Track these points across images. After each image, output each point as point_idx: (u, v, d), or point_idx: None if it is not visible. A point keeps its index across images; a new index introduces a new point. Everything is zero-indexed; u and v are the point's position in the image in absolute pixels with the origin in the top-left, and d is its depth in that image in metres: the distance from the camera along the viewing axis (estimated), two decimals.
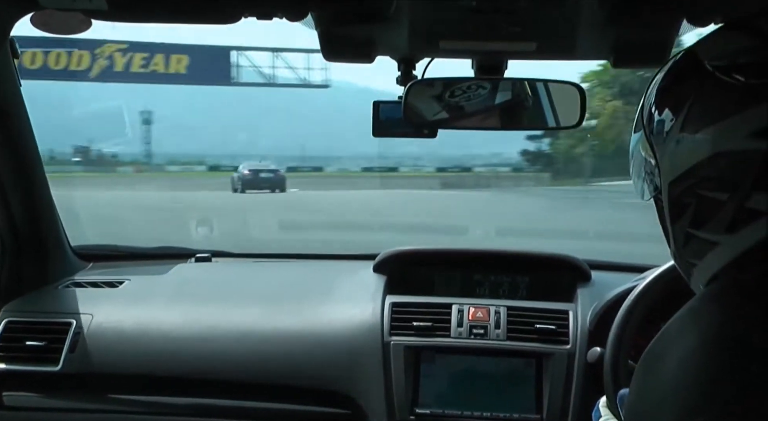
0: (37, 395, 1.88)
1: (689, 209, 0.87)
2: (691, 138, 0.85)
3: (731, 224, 0.83)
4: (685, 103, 0.86)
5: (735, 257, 0.84)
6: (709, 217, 0.85)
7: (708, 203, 0.84)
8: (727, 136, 0.82)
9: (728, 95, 0.82)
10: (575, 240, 7.37)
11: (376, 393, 1.77)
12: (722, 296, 0.84)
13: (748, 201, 0.81)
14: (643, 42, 1.37)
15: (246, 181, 18.64)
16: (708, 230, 0.85)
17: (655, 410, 0.79)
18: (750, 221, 0.82)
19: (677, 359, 0.79)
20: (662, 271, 1.58)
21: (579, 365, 1.77)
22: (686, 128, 0.85)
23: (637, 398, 0.85)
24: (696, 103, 0.85)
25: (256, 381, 1.84)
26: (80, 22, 1.41)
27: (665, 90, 0.92)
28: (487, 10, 1.26)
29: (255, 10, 1.29)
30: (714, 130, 0.83)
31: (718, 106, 0.83)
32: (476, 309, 1.89)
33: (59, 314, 1.94)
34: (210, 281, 2.18)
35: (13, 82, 1.84)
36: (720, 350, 0.77)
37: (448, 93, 1.54)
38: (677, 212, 0.89)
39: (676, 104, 0.88)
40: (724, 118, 0.82)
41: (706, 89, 0.85)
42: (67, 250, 2.20)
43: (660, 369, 0.81)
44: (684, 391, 0.76)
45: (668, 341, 0.84)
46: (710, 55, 0.87)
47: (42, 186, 2.04)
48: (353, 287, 2.02)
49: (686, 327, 0.83)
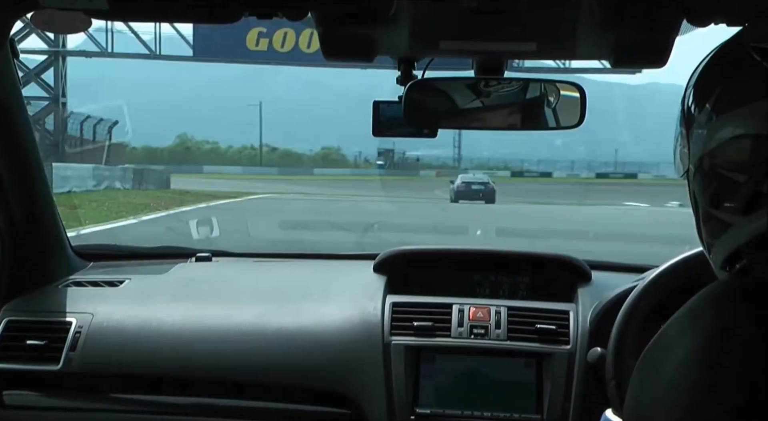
0: (37, 395, 1.88)
1: (710, 189, 0.88)
2: (718, 118, 0.86)
3: (746, 206, 0.84)
4: (719, 83, 0.88)
5: (747, 239, 0.85)
6: (726, 197, 0.86)
7: (727, 184, 0.85)
8: (751, 120, 0.83)
9: (759, 79, 0.83)
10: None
11: (377, 393, 1.77)
12: (723, 296, 0.84)
13: (764, 186, 0.82)
14: (643, 42, 1.37)
15: (459, 192, 20.99)
16: (724, 210, 0.87)
17: (655, 412, 0.78)
18: (764, 206, 0.82)
19: (677, 360, 0.79)
20: (664, 269, 1.58)
21: (579, 366, 1.77)
22: (715, 108, 0.87)
23: (637, 399, 0.85)
24: (729, 84, 0.87)
25: (256, 381, 1.84)
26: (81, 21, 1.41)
27: (706, 69, 0.93)
28: (487, 10, 1.26)
29: (255, 9, 1.29)
30: (740, 112, 0.84)
31: (748, 90, 0.84)
32: (477, 309, 1.89)
33: (60, 314, 1.94)
34: (210, 281, 2.18)
35: (13, 81, 1.84)
36: (720, 352, 0.77)
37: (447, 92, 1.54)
38: (700, 191, 0.91)
39: (710, 84, 0.89)
40: (751, 102, 0.83)
41: (741, 71, 0.86)
42: (67, 249, 2.20)
43: (660, 370, 0.81)
44: (684, 392, 0.76)
45: (668, 342, 0.84)
46: (756, 37, 0.88)
47: (42, 185, 2.04)
48: (353, 286, 2.02)
49: (686, 328, 0.83)
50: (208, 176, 39.85)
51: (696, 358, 0.78)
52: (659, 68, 1.43)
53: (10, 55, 1.79)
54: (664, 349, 0.83)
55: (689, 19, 1.27)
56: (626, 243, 9.04)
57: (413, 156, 48.67)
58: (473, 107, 1.57)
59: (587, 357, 1.70)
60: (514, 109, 1.56)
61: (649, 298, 1.57)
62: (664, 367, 0.81)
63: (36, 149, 1.99)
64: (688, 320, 0.84)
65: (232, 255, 2.49)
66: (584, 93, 1.51)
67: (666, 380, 0.79)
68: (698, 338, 0.80)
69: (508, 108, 1.55)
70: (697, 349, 0.78)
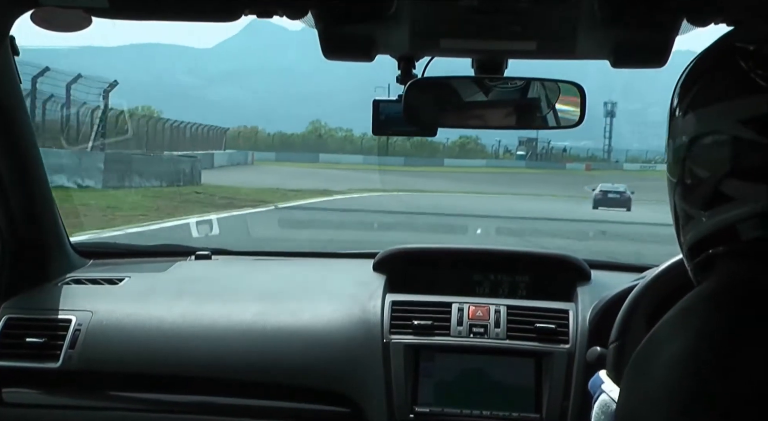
0: (36, 392, 1.88)
1: (680, 182, 0.90)
2: (692, 114, 0.88)
3: (707, 201, 0.86)
4: (699, 80, 0.89)
5: (707, 233, 0.87)
6: (691, 191, 0.88)
7: (693, 178, 0.87)
8: (717, 118, 0.84)
9: (734, 79, 0.84)
10: None
11: (376, 391, 1.78)
12: (714, 296, 0.84)
13: (722, 184, 0.84)
14: (643, 42, 1.37)
15: (598, 200, 23.45)
16: (689, 203, 0.89)
17: (647, 411, 0.79)
18: (722, 203, 0.84)
19: (669, 359, 0.79)
20: (666, 267, 1.58)
21: (578, 365, 1.77)
22: (691, 104, 0.88)
23: (628, 398, 0.85)
24: (707, 82, 0.88)
25: (256, 379, 1.84)
26: (81, 19, 1.41)
27: (693, 65, 0.94)
28: (488, 9, 1.26)
29: (255, 8, 1.29)
30: (711, 110, 0.85)
31: (721, 89, 0.85)
32: (476, 308, 1.89)
33: (59, 311, 1.94)
34: (210, 279, 2.18)
35: (13, 79, 1.84)
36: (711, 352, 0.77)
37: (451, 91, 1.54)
38: (672, 184, 0.93)
39: (692, 80, 0.91)
40: (723, 101, 0.84)
41: (720, 71, 0.87)
42: (67, 247, 2.20)
43: (652, 370, 0.81)
44: (676, 392, 0.76)
45: (660, 341, 0.84)
46: (742, 37, 0.89)
47: (42, 183, 2.04)
48: (353, 285, 2.02)
49: (678, 328, 0.83)
50: (321, 166, 36.36)
51: (686, 358, 0.78)
52: (659, 67, 1.43)
53: (11, 54, 1.80)
54: (656, 348, 0.83)
55: (689, 19, 1.27)
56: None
57: (559, 146, 45.27)
58: (473, 106, 1.57)
59: (586, 356, 1.70)
60: (514, 108, 1.56)
61: (651, 296, 1.57)
62: (656, 366, 0.81)
63: (36, 147, 1.99)
64: (681, 319, 0.84)
65: (231, 253, 2.49)
66: (584, 93, 1.51)
67: (657, 380, 0.79)
68: (688, 339, 0.80)
69: (507, 107, 1.55)
70: (687, 349, 0.79)
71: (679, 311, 0.85)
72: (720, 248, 0.86)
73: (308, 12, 1.28)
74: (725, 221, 0.84)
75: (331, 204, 16.99)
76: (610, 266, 2.24)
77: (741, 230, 0.83)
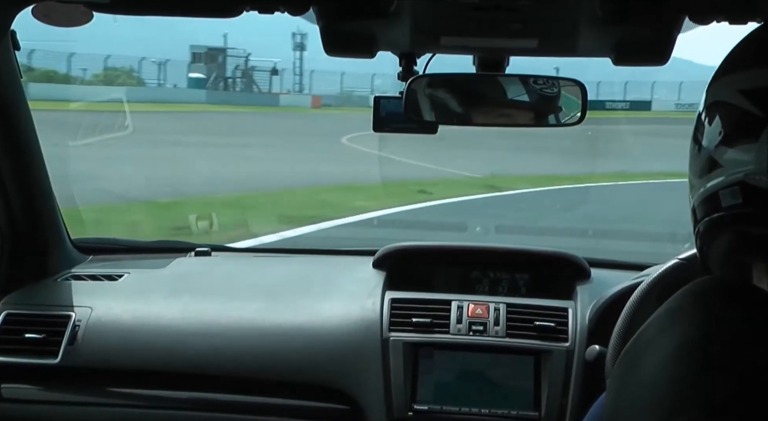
0: (35, 388, 1.88)
1: (690, 153, 0.92)
2: (711, 84, 0.89)
3: (703, 169, 0.87)
4: (728, 56, 0.90)
5: (698, 201, 0.88)
6: (694, 160, 0.90)
7: (697, 146, 0.89)
8: (725, 88, 0.85)
9: (749, 50, 0.86)
10: None
11: (375, 389, 1.78)
12: (703, 295, 0.84)
13: (715, 152, 0.85)
14: (645, 39, 1.37)
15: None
16: (692, 172, 0.91)
17: (635, 411, 0.78)
18: (711, 170, 0.85)
19: (657, 359, 0.79)
20: (669, 266, 1.58)
21: (578, 363, 1.77)
22: (714, 77, 0.89)
23: (616, 398, 0.84)
24: (730, 54, 0.89)
25: (255, 376, 1.84)
26: (82, 14, 1.41)
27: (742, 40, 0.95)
28: (489, 6, 1.25)
29: (256, 4, 1.29)
30: (723, 79, 0.86)
31: (738, 58, 0.87)
32: (476, 306, 1.89)
33: (58, 307, 1.94)
34: (209, 276, 2.18)
35: (14, 74, 1.84)
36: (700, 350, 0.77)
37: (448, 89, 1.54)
38: (689, 157, 0.94)
39: (730, 50, 0.91)
40: (734, 71, 0.85)
41: (743, 42, 0.89)
42: (66, 243, 2.20)
43: (640, 369, 0.81)
44: (664, 392, 0.76)
45: (648, 340, 0.84)
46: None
47: (42, 178, 2.04)
48: (353, 282, 2.02)
49: (666, 327, 0.83)
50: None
51: (675, 357, 0.78)
52: (661, 65, 1.43)
53: (11, 48, 1.79)
54: (644, 347, 0.83)
55: (691, 17, 1.26)
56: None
57: (265, 65, 28.78)
58: (474, 104, 1.57)
59: (586, 355, 1.70)
60: (515, 105, 1.56)
61: (654, 295, 1.57)
62: (644, 365, 0.80)
63: (37, 142, 1.99)
64: (669, 318, 0.84)
65: (231, 250, 2.49)
66: (585, 90, 1.51)
67: (646, 379, 0.79)
68: (678, 337, 0.79)
69: (509, 105, 1.55)
70: (677, 348, 0.78)
71: (666, 311, 0.85)
72: (705, 217, 0.87)
73: (310, 8, 1.28)
74: (711, 188, 0.86)
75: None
76: (610, 264, 2.24)
77: (722, 196, 0.84)
